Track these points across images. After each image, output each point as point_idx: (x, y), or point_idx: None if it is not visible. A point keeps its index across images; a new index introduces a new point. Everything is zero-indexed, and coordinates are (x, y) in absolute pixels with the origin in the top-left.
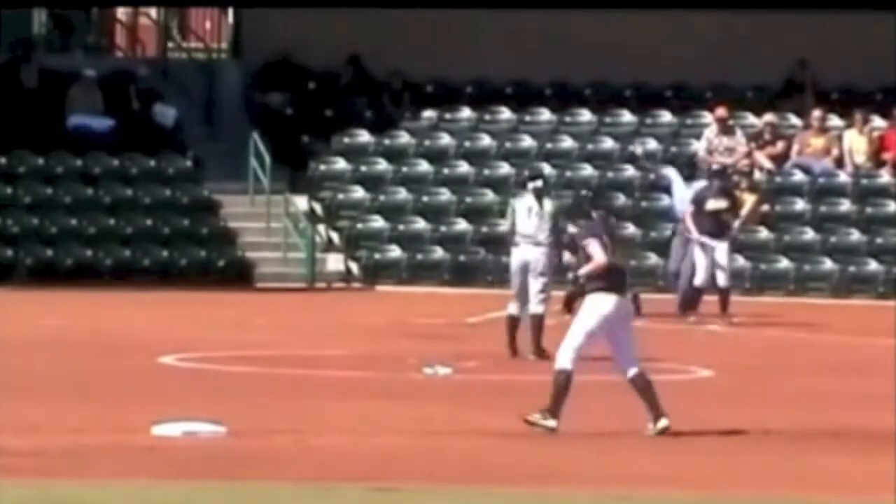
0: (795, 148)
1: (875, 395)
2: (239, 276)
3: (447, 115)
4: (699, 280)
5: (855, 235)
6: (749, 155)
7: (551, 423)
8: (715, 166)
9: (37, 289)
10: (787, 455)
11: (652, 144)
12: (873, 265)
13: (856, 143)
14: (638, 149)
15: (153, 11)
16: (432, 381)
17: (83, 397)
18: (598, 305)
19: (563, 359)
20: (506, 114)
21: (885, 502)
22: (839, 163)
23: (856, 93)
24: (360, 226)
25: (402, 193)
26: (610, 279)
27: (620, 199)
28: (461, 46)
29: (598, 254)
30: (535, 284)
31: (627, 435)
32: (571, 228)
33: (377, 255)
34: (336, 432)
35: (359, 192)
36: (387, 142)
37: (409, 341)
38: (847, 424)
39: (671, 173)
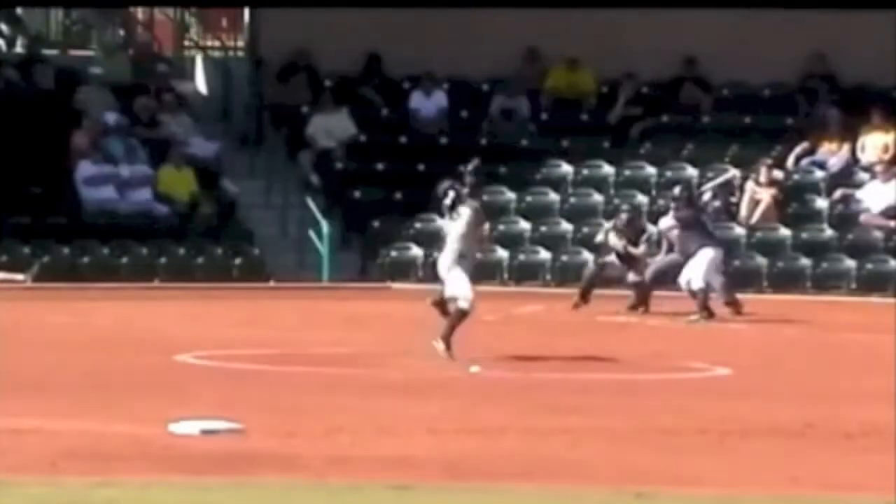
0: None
1: (893, 392)
2: (256, 274)
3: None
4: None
5: (873, 233)
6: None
7: None
8: None
9: (53, 286)
10: (803, 454)
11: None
12: (892, 263)
13: (871, 142)
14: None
15: (170, 10)
16: (448, 379)
17: (100, 395)
18: None
19: None
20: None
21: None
22: (854, 160)
23: (871, 91)
24: (377, 224)
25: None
26: None
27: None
28: (474, 44)
29: None
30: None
31: (641, 432)
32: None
33: (393, 254)
34: (353, 430)
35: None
36: (403, 140)
37: (425, 339)
38: (863, 423)
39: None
